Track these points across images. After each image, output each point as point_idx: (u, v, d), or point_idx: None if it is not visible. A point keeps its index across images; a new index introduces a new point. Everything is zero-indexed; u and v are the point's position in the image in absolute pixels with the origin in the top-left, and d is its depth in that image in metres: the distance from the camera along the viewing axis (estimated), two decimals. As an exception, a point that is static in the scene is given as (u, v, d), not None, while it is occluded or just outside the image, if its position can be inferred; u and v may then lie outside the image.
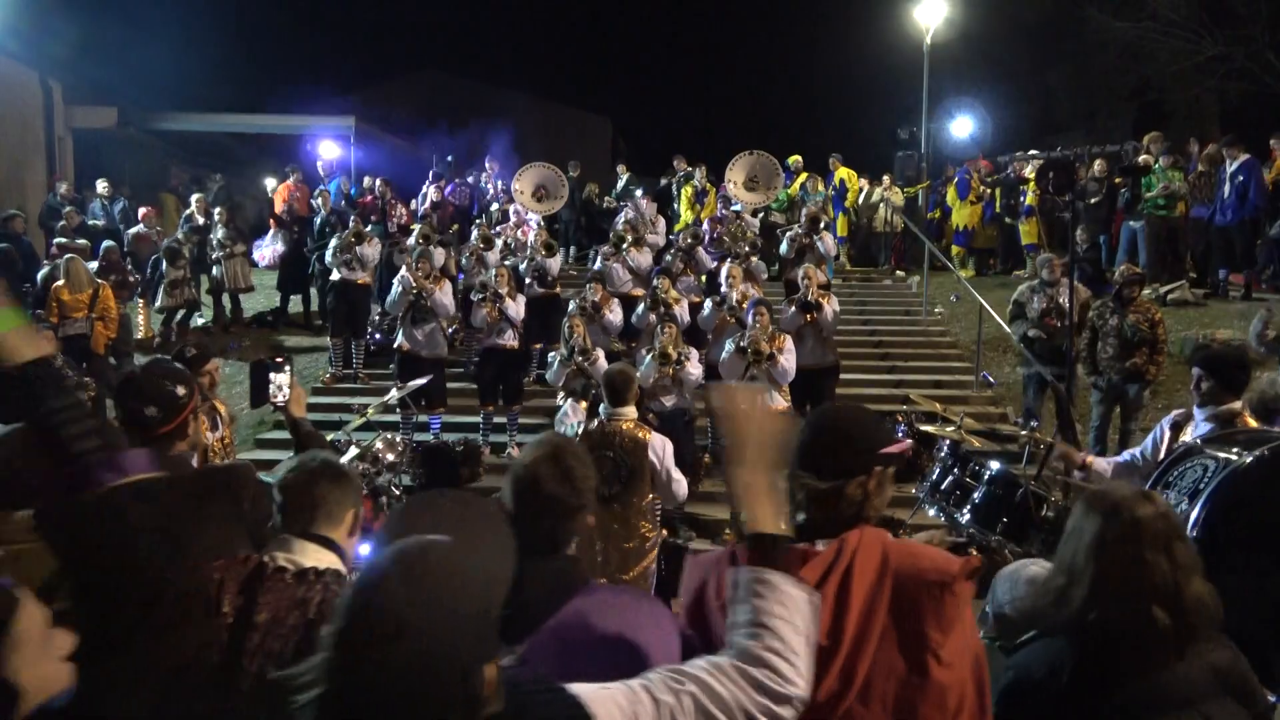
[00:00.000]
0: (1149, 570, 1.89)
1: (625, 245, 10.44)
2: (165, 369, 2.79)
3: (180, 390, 2.70)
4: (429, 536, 1.28)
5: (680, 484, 5.04)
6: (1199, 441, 3.16)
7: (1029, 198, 13.47)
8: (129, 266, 11.44)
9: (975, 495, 4.73)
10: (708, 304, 8.86)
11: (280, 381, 3.31)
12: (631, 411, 5.00)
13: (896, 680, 1.71)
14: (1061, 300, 8.04)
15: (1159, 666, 1.88)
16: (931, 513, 5.11)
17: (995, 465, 4.78)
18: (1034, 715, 1.96)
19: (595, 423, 5.10)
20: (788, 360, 7.26)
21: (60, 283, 9.24)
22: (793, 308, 8.23)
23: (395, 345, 9.20)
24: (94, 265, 10.42)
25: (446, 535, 1.29)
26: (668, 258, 10.40)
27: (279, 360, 3.37)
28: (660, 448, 4.94)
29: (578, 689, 1.40)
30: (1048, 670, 1.95)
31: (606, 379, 5.12)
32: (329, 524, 2.20)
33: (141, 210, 13.14)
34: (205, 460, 4.34)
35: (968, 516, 4.73)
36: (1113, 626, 1.90)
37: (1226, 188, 10.66)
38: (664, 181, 15.59)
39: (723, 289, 8.97)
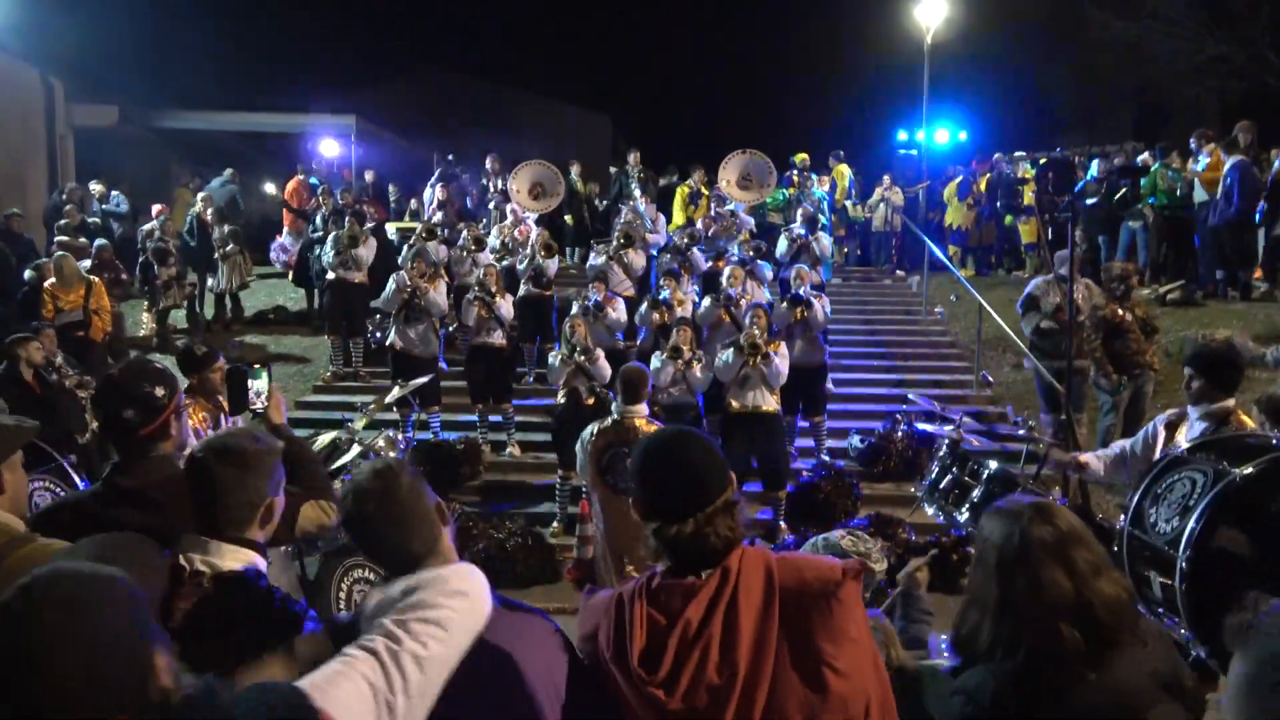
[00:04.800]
0: (1047, 590, 1.84)
1: (622, 246, 10.43)
2: (144, 369, 2.67)
3: (159, 391, 2.57)
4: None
5: None
6: (1185, 452, 3.09)
7: (1026, 198, 13.46)
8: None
9: (974, 494, 4.73)
10: (706, 299, 8.93)
11: (258, 388, 3.16)
12: (643, 409, 5.32)
13: (796, 700, 1.69)
14: (1078, 297, 8.09)
15: (1077, 680, 1.81)
16: (930, 512, 5.13)
17: (994, 464, 4.78)
18: None
19: (609, 421, 5.37)
20: (782, 363, 7.45)
21: (52, 280, 9.36)
22: (784, 304, 8.39)
23: (388, 344, 9.20)
24: (86, 264, 10.44)
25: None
26: (666, 257, 10.37)
27: (256, 366, 3.21)
28: None
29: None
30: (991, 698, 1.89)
31: (623, 376, 5.40)
32: (241, 522, 2.05)
33: (155, 207, 12.89)
34: None
35: (966, 515, 4.73)
36: (1027, 651, 1.84)
37: (1219, 188, 10.64)
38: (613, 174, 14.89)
39: (723, 287, 9.01)
